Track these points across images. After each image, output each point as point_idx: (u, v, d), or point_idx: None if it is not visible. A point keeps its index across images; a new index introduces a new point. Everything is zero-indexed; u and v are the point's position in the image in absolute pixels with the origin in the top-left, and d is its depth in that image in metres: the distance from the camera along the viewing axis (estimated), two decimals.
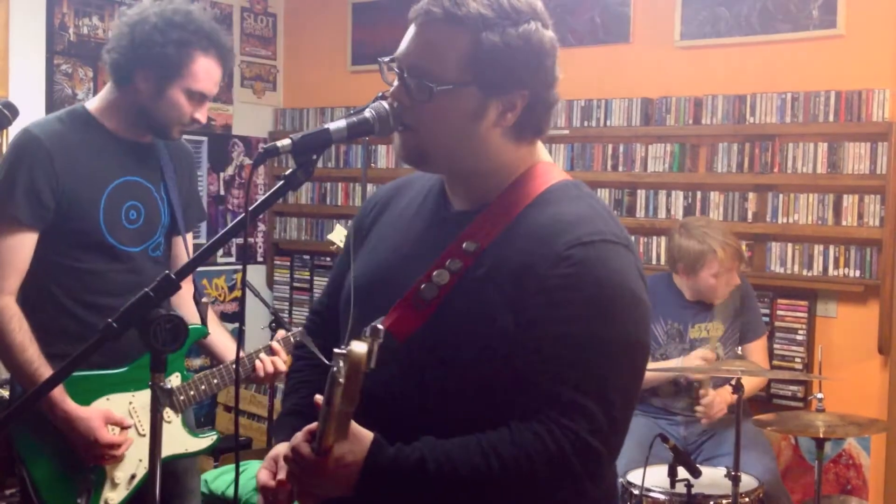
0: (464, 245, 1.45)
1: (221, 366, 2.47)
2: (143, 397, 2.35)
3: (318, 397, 1.31)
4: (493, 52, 1.41)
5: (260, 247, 5.52)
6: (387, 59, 1.48)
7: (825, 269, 3.89)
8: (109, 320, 1.39)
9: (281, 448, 1.54)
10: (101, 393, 2.32)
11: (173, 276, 1.40)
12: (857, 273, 3.82)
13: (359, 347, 1.15)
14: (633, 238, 4.30)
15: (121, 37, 2.30)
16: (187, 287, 2.46)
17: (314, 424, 1.34)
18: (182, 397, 2.40)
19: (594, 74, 4.42)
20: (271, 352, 2.50)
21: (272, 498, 1.51)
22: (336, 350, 1.19)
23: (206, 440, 2.50)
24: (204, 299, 2.43)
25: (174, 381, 2.41)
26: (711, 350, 3.47)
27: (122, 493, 2.34)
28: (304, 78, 5.51)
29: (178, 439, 2.43)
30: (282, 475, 1.50)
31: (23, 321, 2.23)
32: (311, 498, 1.39)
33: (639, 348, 1.42)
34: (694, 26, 4.22)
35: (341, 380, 1.15)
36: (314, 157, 1.42)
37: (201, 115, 2.34)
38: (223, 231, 1.48)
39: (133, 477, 2.35)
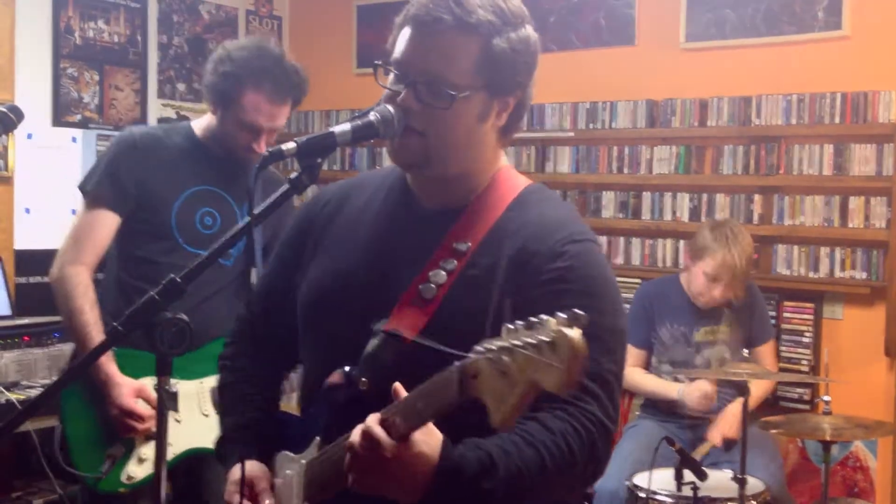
0: (454, 244, 1.48)
1: None
2: (187, 387, 2.47)
3: (398, 385, 1.30)
4: (501, 56, 1.45)
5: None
6: (384, 61, 1.50)
7: (831, 270, 3.88)
8: (115, 323, 1.40)
9: (253, 470, 1.55)
10: (144, 372, 2.37)
11: (178, 280, 1.40)
12: (864, 275, 3.81)
13: (574, 333, 1.10)
14: (638, 240, 4.35)
15: (207, 66, 2.51)
16: None
17: (386, 412, 1.31)
18: None
19: (599, 76, 4.41)
20: None
21: None
22: (514, 333, 1.14)
23: None
24: None
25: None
26: (715, 373, 3.43)
27: (146, 469, 2.39)
28: (309, 80, 5.50)
29: (212, 434, 2.41)
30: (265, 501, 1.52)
31: (89, 289, 2.41)
32: (367, 487, 1.33)
33: (624, 336, 1.51)
34: (699, 28, 4.22)
35: (560, 365, 1.08)
36: (319, 160, 1.42)
37: (258, 146, 2.47)
38: (228, 235, 1.47)
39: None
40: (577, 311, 1.11)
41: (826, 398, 3.03)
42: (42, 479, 4.00)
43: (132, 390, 2.37)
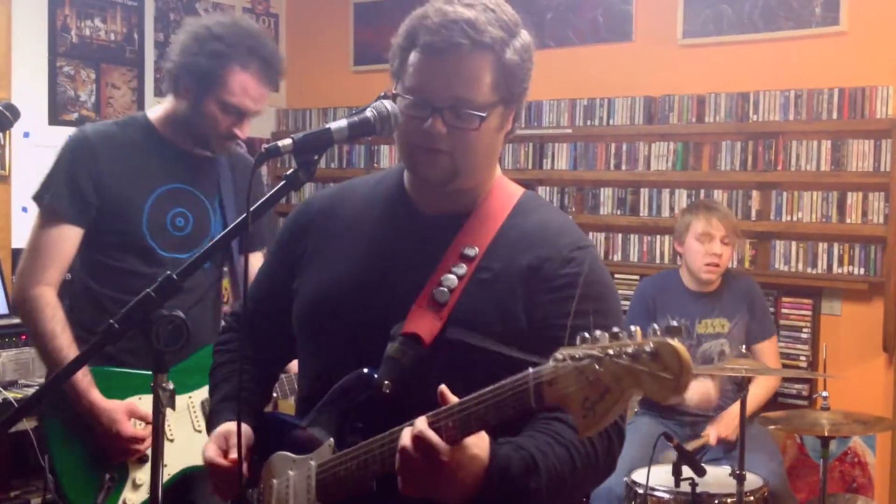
0: (463, 250, 1.51)
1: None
2: (176, 402, 2.35)
3: (444, 388, 1.32)
4: (514, 68, 1.49)
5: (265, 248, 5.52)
6: (398, 92, 1.49)
7: (829, 266, 3.88)
8: (111, 321, 1.39)
9: (229, 427, 1.58)
10: (133, 391, 2.29)
11: (175, 277, 1.40)
12: (862, 271, 3.81)
13: (678, 343, 1.12)
14: (636, 237, 4.35)
15: (173, 46, 2.32)
16: None
17: (436, 415, 1.31)
18: None
19: (597, 73, 4.41)
20: None
21: (223, 476, 1.52)
22: (646, 337, 1.15)
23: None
24: None
25: (207, 391, 2.36)
26: (715, 381, 3.44)
27: (142, 495, 2.30)
28: (306, 79, 5.50)
29: None
30: (233, 454, 1.54)
31: (57, 310, 2.25)
32: (416, 490, 1.33)
33: None
34: (696, 24, 4.21)
35: (667, 375, 1.10)
36: (315, 157, 1.42)
37: (240, 131, 2.31)
38: (224, 231, 1.47)
39: None
40: (674, 324, 1.16)
41: (824, 394, 3.03)
42: (39, 478, 4.00)
43: (124, 413, 2.23)
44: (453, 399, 1.32)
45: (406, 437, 1.32)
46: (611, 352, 1.15)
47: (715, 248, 3.47)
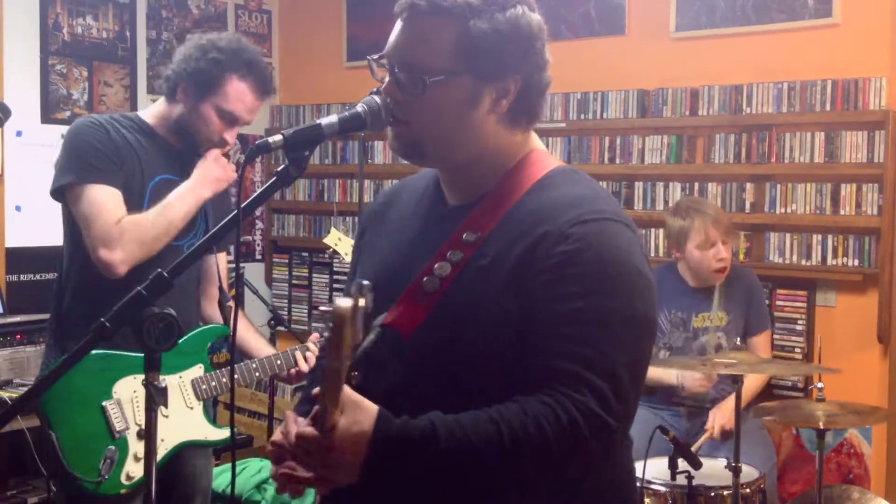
0: (464, 236, 1.45)
1: (245, 362, 2.56)
2: (168, 381, 2.38)
3: (316, 390, 1.31)
4: (482, 39, 1.41)
5: (258, 244, 5.52)
6: (375, 56, 1.48)
7: (824, 258, 3.88)
8: (102, 319, 1.39)
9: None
10: (127, 371, 2.36)
11: (166, 275, 1.40)
12: (856, 262, 3.82)
13: (343, 301, 1.12)
14: None
15: (176, 55, 2.48)
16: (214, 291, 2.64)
17: (315, 409, 1.32)
18: (204, 386, 2.48)
19: (590, 67, 4.40)
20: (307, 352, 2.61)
21: (281, 458, 1.46)
22: (322, 307, 1.18)
23: (225, 431, 2.53)
24: (229, 302, 2.58)
25: (197, 371, 2.50)
26: (711, 367, 3.45)
27: (143, 468, 2.35)
28: (300, 75, 5.49)
29: (199, 426, 2.49)
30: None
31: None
32: (324, 483, 1.33)
33: (644, 323, 1.41)
34: (689, 17, 4.21)
35: (327, 333, 1.12)
36: (306, 152, 1.42)
37: (230, 136, 2.48)
38: (216, 228, 1.47)
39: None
40: (363, 282, 1.12)
41: (819, 385, 3.03)
42: (36, 477, 4.00)
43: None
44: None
45: (290, 434, 1.34)
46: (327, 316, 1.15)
47: (720, 254, 3.49)
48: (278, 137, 1.39)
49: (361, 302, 1.17)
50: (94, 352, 2.24)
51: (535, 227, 1.40)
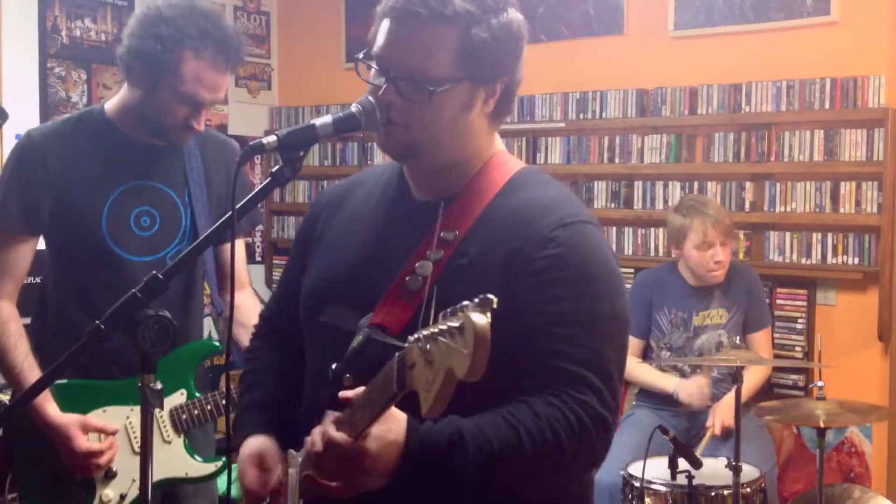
0: (441, 234, 1.46)
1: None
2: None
3: (346, 393, 1.31)
4: (482, 46, 1.42)
5: (258, 246, 5.52)
6: (360, 55, 1.48)
7: (824, 257, 3.87)
8: (97, 322, 1.38)
9: (260, 445, 1.55)
10: (99, 404, 2.20)
11: (160, 276, 1.39)
12: (856, 260, 3.81)
13: (480, 318, 1.05)
14: (630, 230, 4.35)
15: (125, 30, 2.15)
16: (248, 297, 2.43)
17: (339, 414, 1.32)
18: (185, 416, 2.25)
19: (589, 66, 4.40)
20: None
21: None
22: (443, 319, 1.10)
23: (209, 466, 2.30)
24: (222, 314, 2.36)
25: (178, 398, 2.26)
26: (710, 363, 3.45)
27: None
28: (298, 76, 5.49)
29: (178, 461, 2.26)
30: (274, 478, 1.49)
31: (9, 324, 2.13)
32: (350, 490, 1.33)
33: (625, 321, 1.48)
34: (688, 16, 4.21)
35: (466, 351, 1.05)
36: (301, 153, 1.41)
37: (196, 122, 2.13)
38: (210, 229, 1.46)
39: (123, 497, 2.20)
40: (489, 295, 1.07)
41: (820, 384, 3.02)
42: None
43: (77, 428, 2.10)
44: (359, 391, 1.30)
45: (317, 441, 1.33)
46: (436, 329, 1.09)
47: (717, 256, 3.48)
48: (272, 138, 1.38)
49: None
50: (61, 382, 2.12)
51: (515, 229, 1.43)
